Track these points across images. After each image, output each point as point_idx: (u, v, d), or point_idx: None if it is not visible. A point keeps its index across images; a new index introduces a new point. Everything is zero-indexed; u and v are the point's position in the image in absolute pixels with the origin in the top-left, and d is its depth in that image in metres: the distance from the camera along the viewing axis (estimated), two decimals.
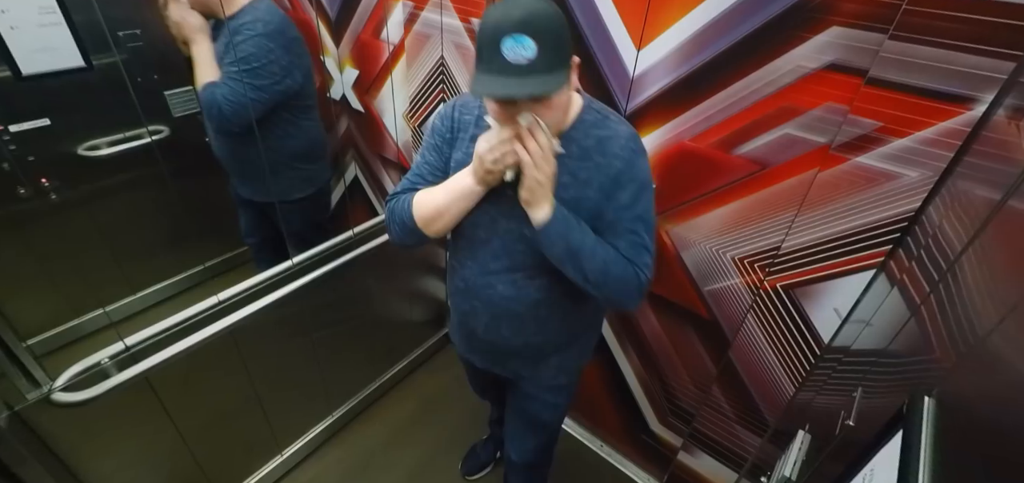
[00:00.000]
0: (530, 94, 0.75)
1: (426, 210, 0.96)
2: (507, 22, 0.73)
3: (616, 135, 0.90)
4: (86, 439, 1.18)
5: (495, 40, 0.74)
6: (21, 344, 1.03)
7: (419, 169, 1.02)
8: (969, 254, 0.68)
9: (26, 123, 1.70)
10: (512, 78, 0.74)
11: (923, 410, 0.59)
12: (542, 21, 0.74)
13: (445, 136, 0.98)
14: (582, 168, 0.89)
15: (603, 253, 0.89)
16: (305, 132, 1.64)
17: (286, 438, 1.75)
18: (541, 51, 0.74)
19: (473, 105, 0.98)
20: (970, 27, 0.78)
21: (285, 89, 1.48)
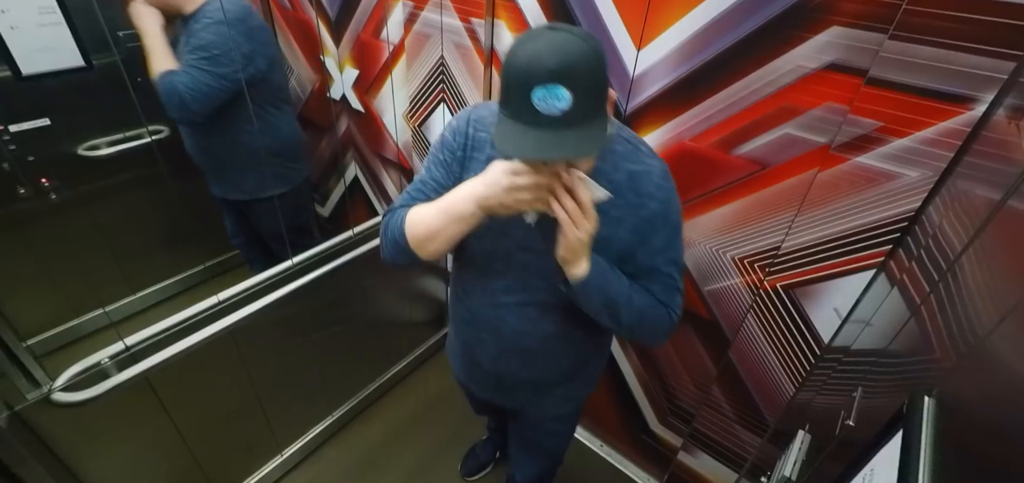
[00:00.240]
0: (567, 156, 0.65)
1: (418, 229, 0.86)
2: (538, 70, 0.62)
3: (649, 171, 0.84)
4: (86, 439, 1.18)
5: (524, 88, 0.63)
6: (21, 344, 1.03)
7: (422, 185, 0.92)
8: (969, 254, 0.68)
9: (26, 123, 1.70)
10: (546, 131, 0.64)
11: (923, 410, 0.59)
12: (578, 66, 0.63)
13: (455, 153, 0.88)
14: (613, 206, 0.80)
15: (639, 301, 0.85)
16: (274, 126, 1.63)
17: (286, 438, 1.75)
18: (577, 100, 0.63)
19: (490, 121, 0.86)
20: (970, 27, 0.78)
21: (248, 78, 1.46)
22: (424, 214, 0.85)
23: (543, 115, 0.64)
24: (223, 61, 1.40)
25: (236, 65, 1.42)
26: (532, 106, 0.64)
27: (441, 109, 1.71)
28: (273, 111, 1.61)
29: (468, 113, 0.90)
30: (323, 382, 1.80)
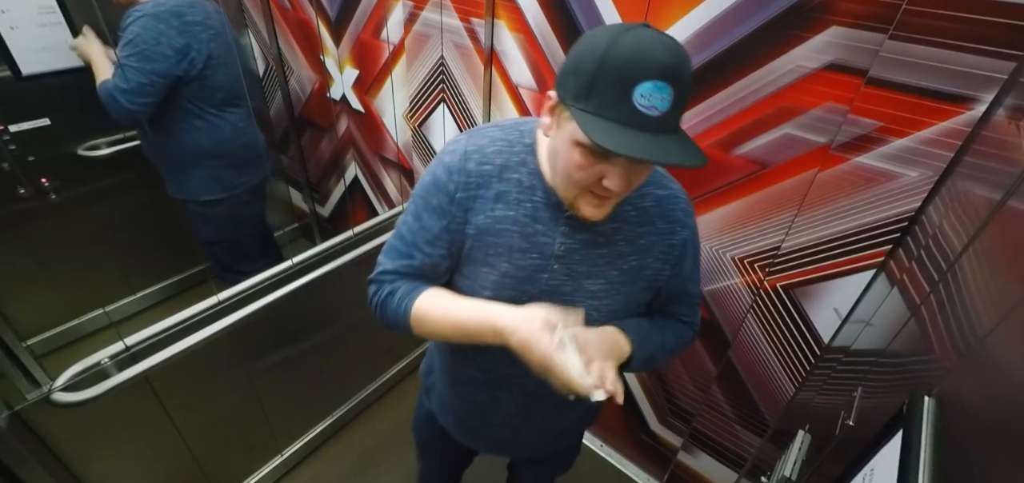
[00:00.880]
0: (677, 163, 0.56)
1: (422, 327, 0.77)
2: (650, 63, 0.54)
3: (676, 196, 0.79)
4: (86, 439, 1.18)
5: (626, 81, 0.55)
6: (21, 344, 1.03)
7: (413, 237, 0.77)
8: (969, 254, 0.68)
9: (26, 123, 1.70)
10: (645, 134, 0.56)
11: (923, 410, 0.59)
12: (685, 67, 0.57)
13: (454, 196, 0.73)
14: (643, 234, 0.76)
15: (671, 340, 0.84)
16: (215, 128, 1.58)
17: (286, 438, 1.75)
18: (675, 105, 0.57)
19: (491, 151, 0.74)
20: (970, 27, 0.78)
21: (183, 74, 1.43)
22: (434, 319, 0.76)
23: (642, 115, 0.55)
24: (152, 56, 1.36)
25: (169, 59, 1.38)
26: (631, 103, 0.55)
27: (441, 109, 1.71)
28: (213, 112, 1.57)
29: (463, 145, 0.75)
30: (323, 382, 1.80)
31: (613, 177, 0.62)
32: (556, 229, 0.73)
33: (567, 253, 0.73)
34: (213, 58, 1.50)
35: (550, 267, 0.73)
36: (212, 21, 1.50)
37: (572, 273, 0.74)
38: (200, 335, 1.27)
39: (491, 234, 0.73)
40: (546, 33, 1.33)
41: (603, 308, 0.77)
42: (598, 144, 0.55)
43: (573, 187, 0.66)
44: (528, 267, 0.74)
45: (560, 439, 1.04)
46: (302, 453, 1.81)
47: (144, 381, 1.20)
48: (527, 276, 0.74)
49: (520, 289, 0.75)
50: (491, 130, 0.77)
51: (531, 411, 0.89)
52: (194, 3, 1.45)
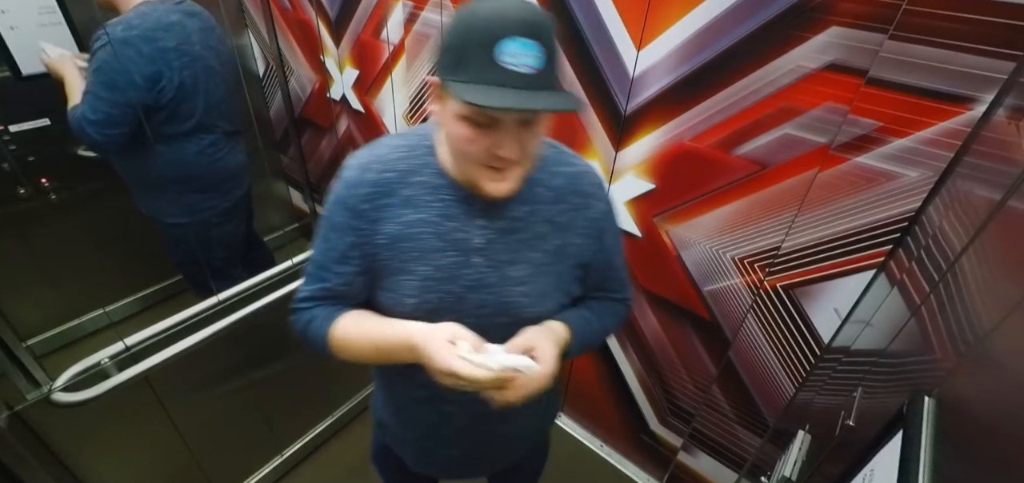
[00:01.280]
0: (549, 108, 0.58)
1: (342, 350, 0.78)
2: (508, 21, 0.56)
3: (585, 171, 0.80)
4: (86, 439, 1.18)
5: (489, 44, 0.56)
6: (21, 344, 1.03)
7: (323, 258, 0.77)
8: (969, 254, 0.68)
9: (26, 123, 1.70)
10: (522, 91, 0.57)
11: (923, 410, 0.59)
12: (546, 25, 0.58)
13: (358, 209, 0.72)
14: (560, 212, 0.76)
15: (607, 322, 0.87)
16: (180, 153, 1.48)
17: (286, 438, 1.75)
18: (548, 63, 0.58)
19: (392, 158, 0.73)
20: (970, 27, 0.78)
21: (153, 102, 1.35)
22: (352, 341, 0.76)
23: (514, 73, 0.57)
24: (120, 85, 1.28)
25: (139, 88, 1.30)
26: (500, 64, 0.56)
27: None
28: (180, 138, 1.47)
29: (362, 158, 0.75)
30: (323, 382, 1.80)
31: (504, 143, 0.62)
32: (471, 223, 0.72)
33: (487, 244, 0.73)
34: (185, 85, 1.40)
35: (470, 261, 0.73)
36: (189, 46, 1.40)
37: (495, 263, 0.74)
38: (200, 335, 1.27)
39: (404, 240, 0.72)
40: None
41: (533, 292, 0.76)
42: (473, 103, 0.57)
43: (470, 165, 0.66)
44: (448, 265, 0.73)
45: (525, 443, 1.02)
46: (302, 453, 1.81)
47: (144, 381, 1.20)
48: (448, 275, 0.73)
49: (444, 290, 0.73)
50: (392, 139, 0.77)
51: (485, 421, 0.86)
52: (169, 26, 1.35)
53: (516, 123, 0.62)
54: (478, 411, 0.82)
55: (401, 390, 0.87)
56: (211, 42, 1.50)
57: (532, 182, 0.74)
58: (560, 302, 0.80)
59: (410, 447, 0.96)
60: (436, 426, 0.88)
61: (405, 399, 0.87)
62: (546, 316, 0.78)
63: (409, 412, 0.89)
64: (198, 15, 1.47)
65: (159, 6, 1.36)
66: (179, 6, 1.41)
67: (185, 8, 1.43)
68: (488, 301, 0.74)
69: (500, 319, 0.75)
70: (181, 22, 1.39)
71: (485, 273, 0.73)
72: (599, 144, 1.37)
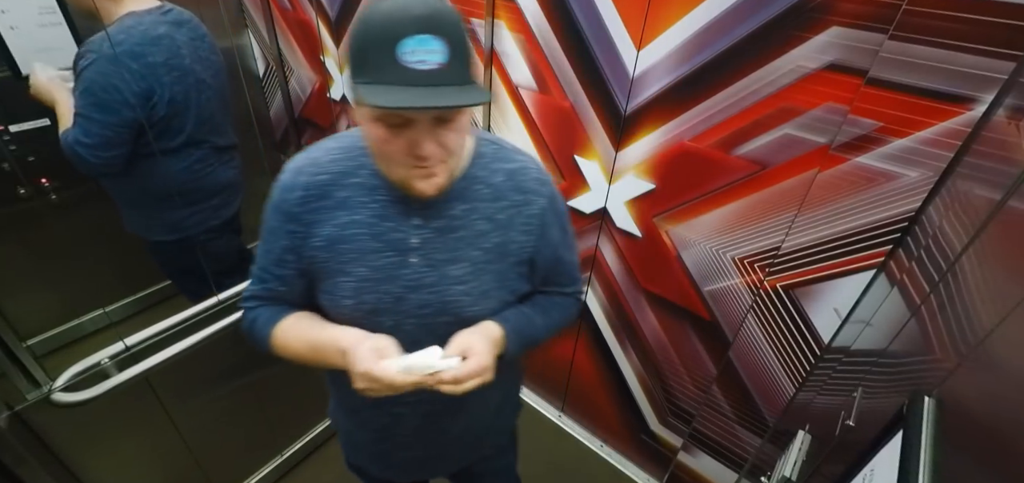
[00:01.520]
0: (451, 104, 0.58)
1: (283, 350, 0.79)
2: (406, 19, 0.55)
3: (525, 167, 0.79)
4: (86, 439, 1.18)
5: (389, 44, 0.56)
6: (21, 344, 1.03)
7: (263, 261, 0.78)
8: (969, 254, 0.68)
9: (26, 123, 1.70)
10: (421, 88, 0.57)
11: (923, 410, 0.59)
12: (448, 19, 0.58)
13: (292, 213, 0.74)
14: (499, 209, 0.76)
15: (554, 318, 0.87)
16: (165, 169, 1.40)
17: (286, 438, 1.75)
18: (452, 57, 0.58)
19: (326, 161, 0.74)
20: (970, 27, 0.78)
21: (146, 119, 1.28)
22: (291, 342, 0.78)
23: (415, 71, 0.56)
24: (111, 105, 1.21)
25: (132, 107, 1.23)
26: (400, 62, 0.56)
27: None
28: (167, 154, 1.39)
29: (296, 163, 0.76)
30: (323, 382, 1.80)
31: (421, 142, 0.62)
32: (407, 223, 0.72)
33: (424, 243, 0.72)
34: (176, 101, 1.34)
35: (408, 261, 0.73)
36: (178, 60, 1.32)
37: (433, 263, 0.73)
38: (200, 335, 1.27)
39: (340, 241, 0.72)
40: (546, 33, 1.33)
41: (474, 291, 0.75)
42: (375, 105, 0.57)
43: (394, 165, 0.66)
44: (385, 266, 0.72)
45: (486, 440, 1.01)
46: (302, 453, 1.81)
47: (144, 381, 1.20)
48: (386, 275, 0.73)
49: (382, 291, 0.73)
50: (326, 143, 0.78)
51: (438, 419, 0.86)
52: (157, 39, 1.27)
53: (431, 121, 0.62)
54: (428, 410, 0.83)
55: (350, 392, 0.83)
56: (202, 52, 1.42)
57: (470, 180, 0.75)
58: (503, 300, 0.79)
59: (367, 452, 0.96)
60: (389, 428, 0.87)
61: (356, 402, 0.85)
62: (489, 315, 0.77)
63: (361, 415, 0.89)
64: (187, 24, 1.39)
65: (145, 18, 1.28)
66: (166, 16, 1.33)
67: (173, 17, 1.35)
68: (429, 301, 0.74)
69: (442, 319, 0.75)
70: (169, 34, 1.31)
71: (424, 273, 0.73)
72: (599, 144, 1.37)
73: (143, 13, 1.28)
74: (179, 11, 1.38)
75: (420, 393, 0.76)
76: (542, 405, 2.08)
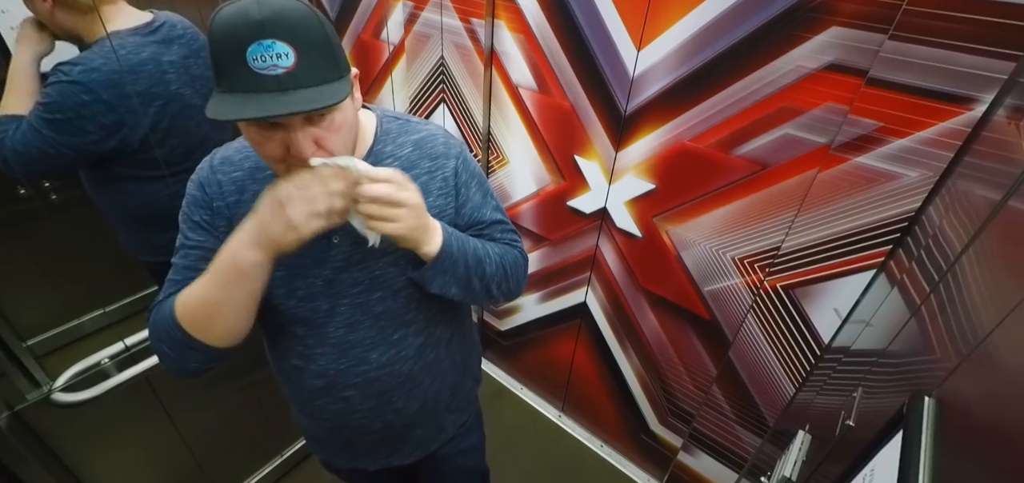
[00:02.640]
0: (299, 110, 0.55)
1: (194, 311, 0.67)
2: (245, 23, 0.53)
3: (432, 135, 0.80)
4: (86, 439, 1.18)
5: (235, 50, 0.54)
6: (21, 344, 1.03)
7: (186, 262, 0.73)
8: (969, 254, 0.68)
9: None
10: (272, 94, 0.55)
11: (923, 410, 0.59)
12: (293, 18, 0.55)
13: (212, 206, 0.73)
14: (414, 177, 0.74)
15: (495, 248, 0.82)
16: (150, 195, 1.31)
17: (286, 438, 1.75)
18: (302, 59, 0.56)
19: (238, 158, 0.74)
20: (970, 27, 0.78)
21: (111, 151, 1.18)
22: (195, 291, 0.67)
23: (264, 77, 0.55)
24: (65, 128, 1.10)
25: (90, 136, 1.13)
26: (250, 69, 0.54)
27: (441, 109, 1.71)
28: (151, 177, 1.30)
29: (208, 161, 0.76)
30: None
31: (295, 142, 0.59)
32: None
33: (344, 225, 0.69)
34: (160, 128, 1.23)
35: (332, 243, 0.73)
36: (162, 88, 1.20)
37: (355, 239, 0.73)
38: None
39: None
40: (546, 33, 1.33)
41: (401, 260, 0.76)
42: (216, 118, 0.55)
43: (274, 165, 0.64)
44: (309, 251, 0.71)
45: (447, 418, 0.98)
46: (302, 453, 1.80)
47: (144, 381, 1.21)
48: (313, 259, 0.73)
49: (310, 274, 0.73)
50: (235, 142, 0.77)
51: (391, 397, 0.85)
52: (139, 66, 1.16)
53: (304, 121, 0.59)
54: (378, 389, 0.82)
55: (299, 385, 0.84)
56: (195, 70, 1.29)
57: (378, 156, 0.75)
58: None
59: (330, 444, 0.94)
60: (341, 414, 0.85)
61: (305, 393, 0.84)
62: (420, 281, 0.76)
63: (312, 406, 0.86)
64: (179, 40, 1.25)
65: (129, 40, 1.16)
66: (155, 34, 1.21)
67: (162, 35, 1.22)
68: (359, 278, 0.75)
69: (375, 294, 0.76)
70: (154, 57, 1.19)
71: (349, 251, 0.73)
72: (599, 144, 1.37)
73: (128, 33, 1.17)
74: (171, 25, 1.24)
75: (367, 372, 0.79)
76: (542, 405, 2.08)
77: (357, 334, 0.78)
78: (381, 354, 0.80)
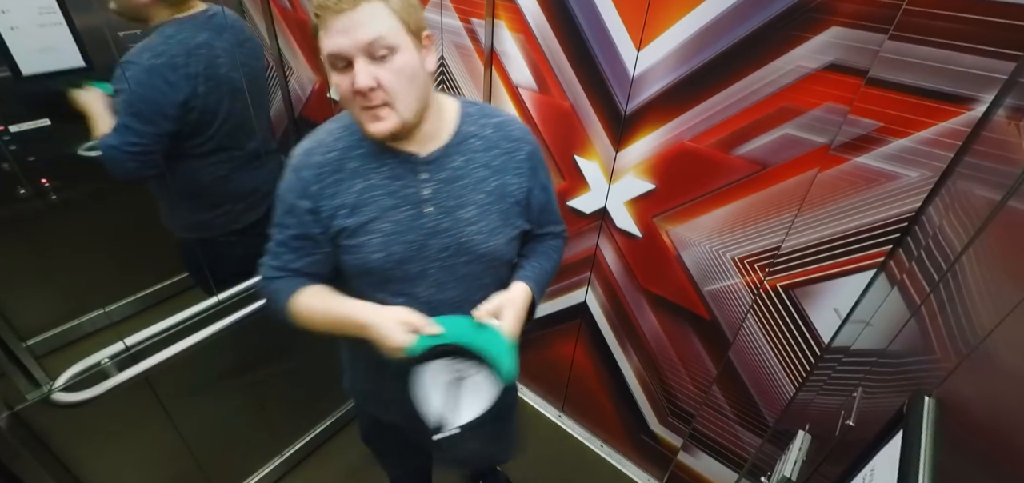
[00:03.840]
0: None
1: (303, 319, 0.87)
2: None
3: (510, 120, 0.92)
4: (86, 439, 1.18)
5: None
6: (21, 344, 1.03)
7: (281, 237, 0.86)
8: (969, 254, 0.68)
9: (26, 123, 1.70)
10: None
11: (923, 410, 0.59)
12: None
13: (309, 190, 0.82)
14: (494, 157, 0.87)
15: (553, 259, 1.00)
16: (194, 172, 1.44)
17: (286, 438, 1.75)
18: None
19: (330, 140, 0.84)
20: (970, 27, 0.78)
21: (181, 130, 1.32)
22: (312, 311, 0.86)
23: None
24: (151, 117, 1.25)
25: (170, 119, 1.28)
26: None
27: None
28: (197, 157, 1.43)
29: (303, 146, 0.86)
30: (323, 382, 1.80)
31: (358, 76, 0.70)
32: (416, 179, 0.82)
33: (434, 194, 0.82)
34: (207, 109, 1.36)
35: (424, 212, 0.83)
36: (214, 70, 1.34)
37: (445, 209, 0.83)
38: (200, 335, 1.27)
39: (361, 206, 0.81)
40: (546, 33, 1.33)
41: (484, 229, 0.86)
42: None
43: (351, 107, 0.75)
44: (405, 218, 0.82)
45: None
46: (302, 453, 1.81)
47: (144, 381, 1.20)
48: (407, 227, 0.82)
49: (406, 240, 0.83)
50: (327, 125, 0.88)
51: None
52: (195, 49, 1.29)
53: (364, 58, 0.70)
54: None
55: None
56: (242, 58, 1.43)
57: (463, 135, 0.86)
58: (509, 236, 0.90)
59: (399, 407, 0.99)
60: None
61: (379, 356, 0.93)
62: (501, 249, 0.89)
63: (397, 363, 0.92)
64: (230, 29, 1.40)
65: (185, 24, 1.30)
66: (210, 22, 1.35)
67: (216, 23, 1.37)
68: (448, 244, 0.85)
69: (461, 259, 0.86)
70: (208, 42, 1.33)
71: (439, 219, 0.83)
72: (599, 144, 1.37)
73: (184, 19, 1.31)
74: (223, 15, 1.39)
75: None
76: (542, 405, 2.08)
77: (444, 294, 0.88)
78: (463, 313, 0.88)
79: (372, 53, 0.70)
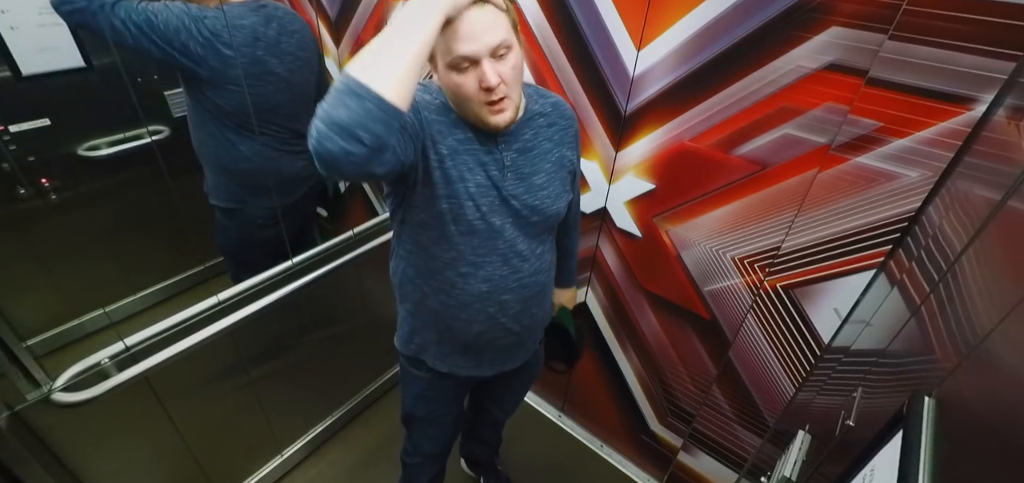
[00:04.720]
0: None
1: (367, 55, 0.67)
2: None
3: (560, 101, 1.03)
4: (86, 439, 1.18)
5: None
6: (21, 344, 1.03)
7: None
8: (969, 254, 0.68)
9: (26, 123, 1.70)
10: None
11: (923, 410, 0.59)
12: None
13: (425, 118, 0.86)
14: (554, 133, 0.99)
15: (578, 231, 1.27)
16: (225, 144, 1.50)
17: (286, 438, 1.75)
18: None
19: (426, 98, 0.89)
20: (970, 27, 0.78)
21: (177, 64, 1.33)
22: (385, 49, 0.68)
23: None
24: (155, 30, 1.27)
25: (171, 45, 1.30)
26: None
27: None
28: (230, 130, 1.49)
29: (423, 86, 0.92)
30: (323, 382, 1.80)
31: (485, 74, 0.78)
32: (496, 149, 0.91)
33: (512, 163, 0.92)
34: (225, 79, 1.39)
35: (505, 175, 0.92)
36: (249, 50, 1.39)
37: (521, 175, 0.94)
38: (200, 335, 1.27)
39: (458, 153, 0.88)
40: (546, 33, 1.33)
41: (552, 194, 0.98)
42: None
43: (471, 104, 0.83)
44: (494, 177, 0.91)
45: (540, 333, 1.20)
46: (302, 453, 1.81)
47: (144, 381, 1.20)
48: (494, 184, 0.91)
49: (493, 195, 0.91)
50: (421, 89, 0.92)
51: (530, 304, 1.05)
52: (234, 31, 1.34)
53: (488, 56, 0.78)
54: (526, 295, 1.02)
55: (463, 290, 0.98)
56: (284, 47, 1.47)
57: (530, 113, 0.96)
58: (567, 200, 1.03)
59: (465, 352, 1.09)
60: (494, 317, 1.02)
61: (467, 297, 0.99)
62: (562, 210, 1.02)
63: (470, 310, 1.01)
64: (278, 19, 1.46)
65: (236, 6, 1.38)
66: (259, 11, 1.41)
67: (266, 11, 1.43)
68: (524, 206, 0.95)
69: (534, 218, 0.97)
70: (252, 27, 1.39)
71: (516, 182, 0.93)
72: (599, 144, 1.37)
73: (235, 4, 1.38)
74: (274, 6, 1.47)
75: (521, 279, 0.99)
76: (542, 405, 2.08)
77: (517, 247, 0.97)
78: (531, 265, 1.00)
79: (496, 53, 0.79)
